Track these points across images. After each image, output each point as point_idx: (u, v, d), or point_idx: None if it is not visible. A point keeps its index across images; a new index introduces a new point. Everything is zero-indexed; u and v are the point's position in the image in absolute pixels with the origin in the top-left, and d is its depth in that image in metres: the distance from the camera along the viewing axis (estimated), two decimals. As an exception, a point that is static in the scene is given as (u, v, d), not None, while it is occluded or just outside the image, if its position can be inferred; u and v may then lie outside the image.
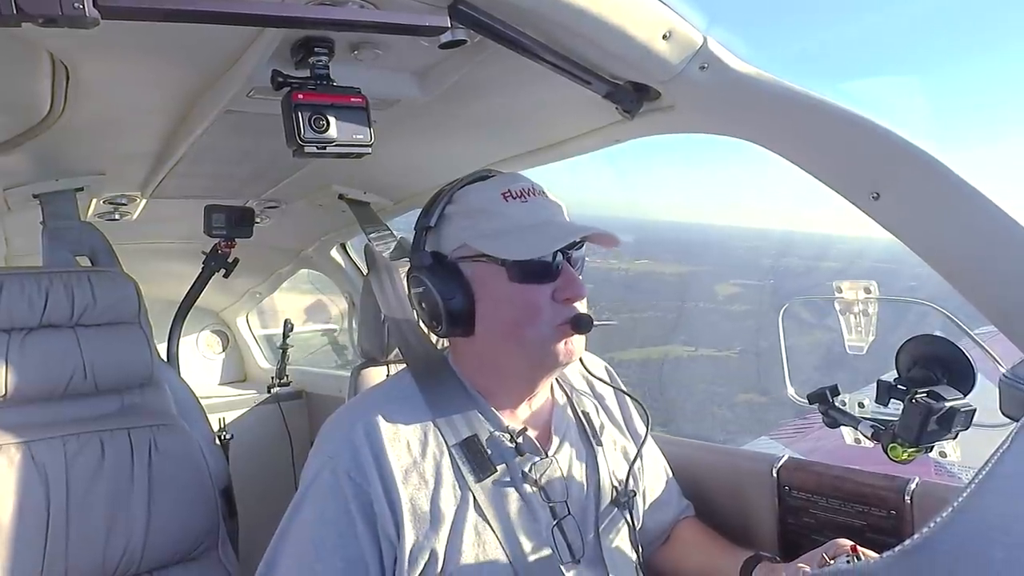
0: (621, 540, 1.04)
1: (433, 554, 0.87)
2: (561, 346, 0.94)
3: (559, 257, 0.94)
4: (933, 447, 0.94)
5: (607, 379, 1.18)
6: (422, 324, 1.07)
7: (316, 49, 0.96)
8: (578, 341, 0.96)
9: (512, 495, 0.94)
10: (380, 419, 0.93)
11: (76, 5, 0.63)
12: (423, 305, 0.99)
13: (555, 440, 1.03)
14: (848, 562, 0.85)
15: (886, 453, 0.95)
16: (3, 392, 1.25)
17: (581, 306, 0.96)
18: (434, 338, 1.21)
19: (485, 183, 0.99)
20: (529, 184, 0.98)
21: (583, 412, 1.10)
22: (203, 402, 1.62)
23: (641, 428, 1.18)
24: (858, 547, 0.87)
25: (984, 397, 0.88)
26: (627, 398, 1.19)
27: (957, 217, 0.90)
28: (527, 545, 0.92)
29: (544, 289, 0.93)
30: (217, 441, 1.60)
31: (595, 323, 0.97)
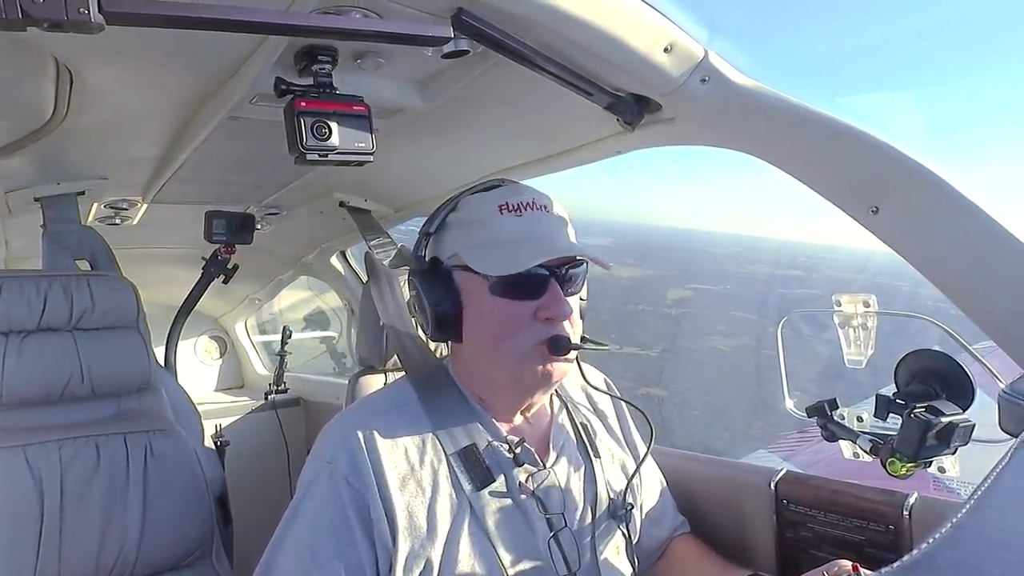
0: (617, 553, 1.03)
1: (428, 563, 0.87)
2: (538, 366, 0.93)
3: (544, 273, 0.91)
4: (932, 462, 0.94)
5: (606, 391, 1.17)
6: (420, 330, 1.07)
7: (319, 57, 0.96)
8: (559, 363, 0.94)
9: (509, 506, 0.94)
10: (378, 426, 0.93)
11: (81, 10, 0.64)
12: (416, 308, 1.00)
13: (553, 452, 1.03)
14: None
15: (884, 468, 0.95)
16: None
17: (565, 327, 0.93)
18: (433, 346, 1.21)
19: (488, 193, 0.98)
20: (530, 197, 0.96)
21: (581, 424, 1.09)
22: (200, 408, 1.61)
23: (640, 442, 1.17)
24: (859, 567, 0.86)
25: (983, 412, 0.88)
26: (627, 413, 1.18)
27: (956, 231, 0.90)
28: (523, 556, 0.92)
29: (527, 305, 0.92)
30: (213, 447, 1.60)
31: (583, 346, 0.96)
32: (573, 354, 0.96)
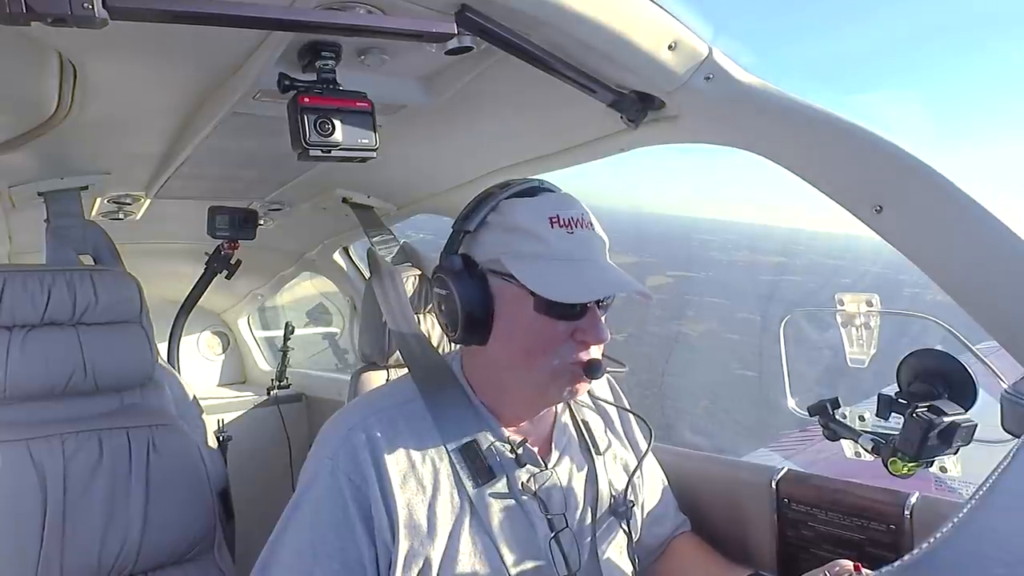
0: (618, 552, 1.03)
1: (427, 562, 0.87)
2: (567, 385, 0.93)
3: None
4: (934, 462, 0.94)
5: (608, 393, 1.17)
6: (424, 328, 1.07)
7: (323, 53, 0.96)
8: (585, 383, 0.95)
9: (510, 506, 0.94)
10: (380, 423, 0.93)
11: (85, 5, 0.64)
12: (442, 308, 0.97)
13: (555, 452, 1.02)
14: None
15: (886, 467, 0.95)
16: (3, 389, 1.25)
17: (598, 350, 0.94)
18: (436, 343, 1.21)
19: (535, 200, 0.93)
20: (579, 213, 0.93)
21: (583, 422, 1.09)
22: (202, 403, 1.62)
23: (642, 440, 1.17)
24: (860, 566, 0.86)
25: (985, 412, 0.88)
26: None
27: (960, 231, 0.90)
28: (524, 557, 0.92)
29: (566, 325, 0.91)
30: (216, 442, 1.60)
31: (613, 369, 0.97)
32: None
